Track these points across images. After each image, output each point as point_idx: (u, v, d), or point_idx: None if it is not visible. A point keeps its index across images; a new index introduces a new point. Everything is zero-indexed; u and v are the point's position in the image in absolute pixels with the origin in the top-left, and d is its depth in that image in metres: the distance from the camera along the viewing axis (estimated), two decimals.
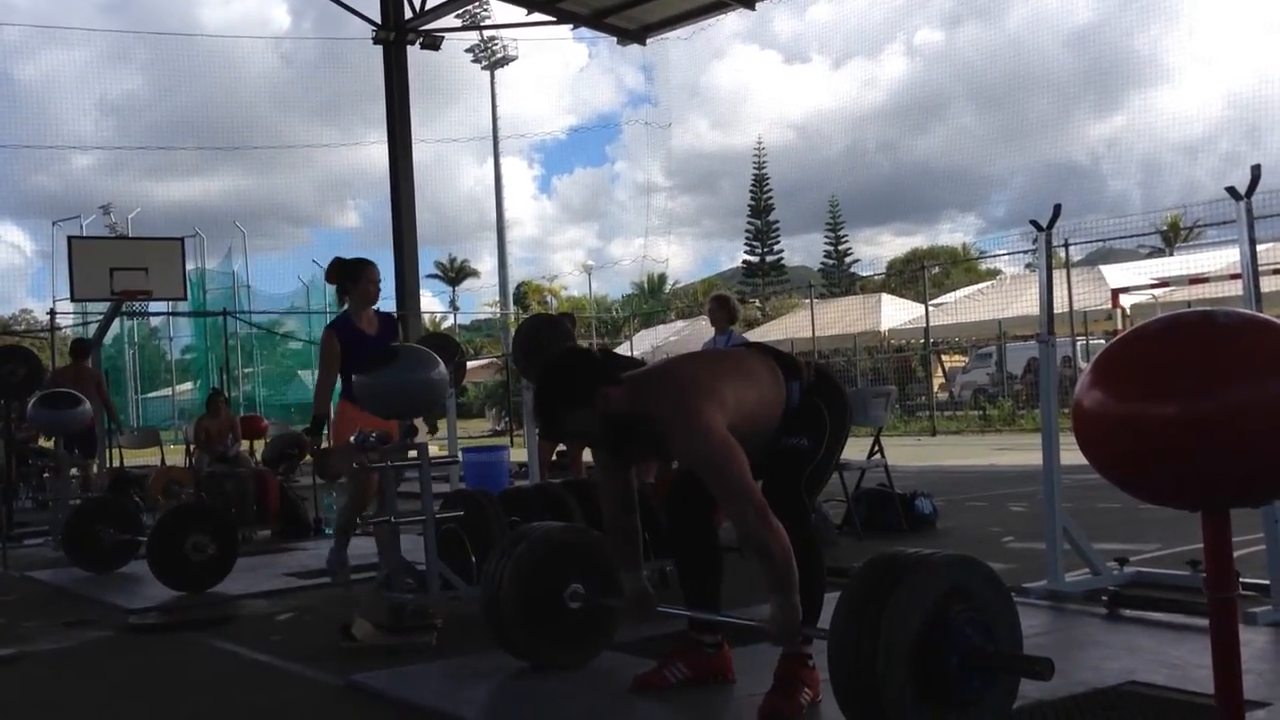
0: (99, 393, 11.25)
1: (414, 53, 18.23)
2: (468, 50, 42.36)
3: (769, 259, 57.01)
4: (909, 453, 15.11)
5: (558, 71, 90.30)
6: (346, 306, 6.32)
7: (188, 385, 32.14)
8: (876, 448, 7.95)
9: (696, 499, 3.67)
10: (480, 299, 64.30)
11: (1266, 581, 4.42)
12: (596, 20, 18.23)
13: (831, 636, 2.95)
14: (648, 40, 18.68)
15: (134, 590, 6.59)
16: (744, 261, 58.82)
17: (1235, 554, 2.14)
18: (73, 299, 15.59)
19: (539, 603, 3.98)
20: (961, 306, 28.29)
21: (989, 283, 31.95)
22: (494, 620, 4.02)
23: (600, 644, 4.15)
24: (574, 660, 4.05)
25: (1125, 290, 18.92)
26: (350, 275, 6.31)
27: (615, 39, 18.85)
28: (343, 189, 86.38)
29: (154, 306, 22.02)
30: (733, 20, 21.06)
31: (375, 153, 17.46)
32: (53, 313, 21.32)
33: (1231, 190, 4.69)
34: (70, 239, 15.39)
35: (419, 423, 6.19)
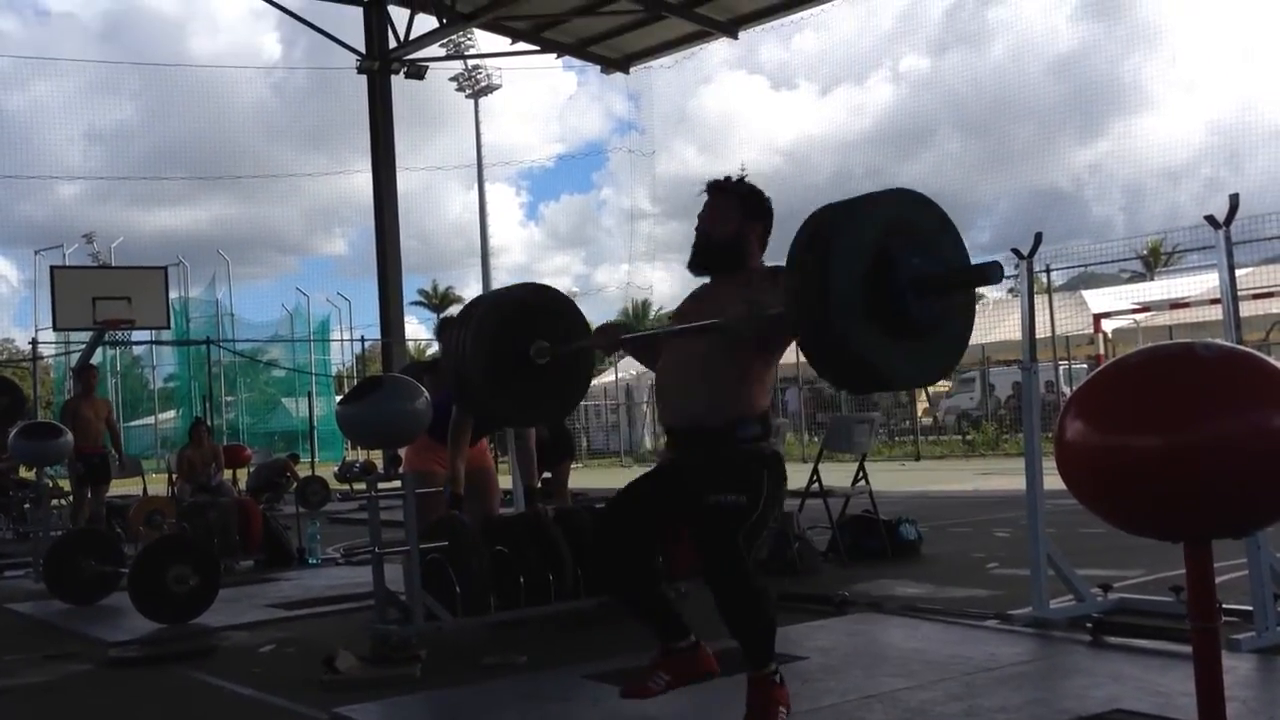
0: (107, 421, 11.31)
1: (402, 82, 18.33)
2: (451, 79, 42.51)
3: None
4: (893, 478, 15.12)
5: (546, 99, 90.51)
6: None
7: (170, 414, 31.99)
8: (861, 474, 7.96)
9: (633, 540, 3.62)
10: None
11: (1250, 608, 4.43)
12: (580, 49, 18.36)
13: (787, 317, 2.99)
14: (631, 69, 18.82)
15: (115, 622, 6.54)
16: None
17: (1219, 579, 2.15)
18: (55, 328, 15.54)
19: (506, 363, 3.88)
20: None
21: None
22: (463, 389, 3.94)
23: (578, 395, 4.12)
24: (555, 412, 4.00)
25: (1107, 315, 19.06)
26: None
27: (599, 68, 18.99)
28: (330, 217, 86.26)
29: (137, 335, 21.95)
30: (721, 48, 21.18)
31: (362, 180, 17.57)
32: (34, 342, 21.26)
33: (1210, 219, 4.73)
34: (52, 268, 15.35)
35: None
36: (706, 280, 3.72)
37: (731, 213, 3.59)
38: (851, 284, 2.83)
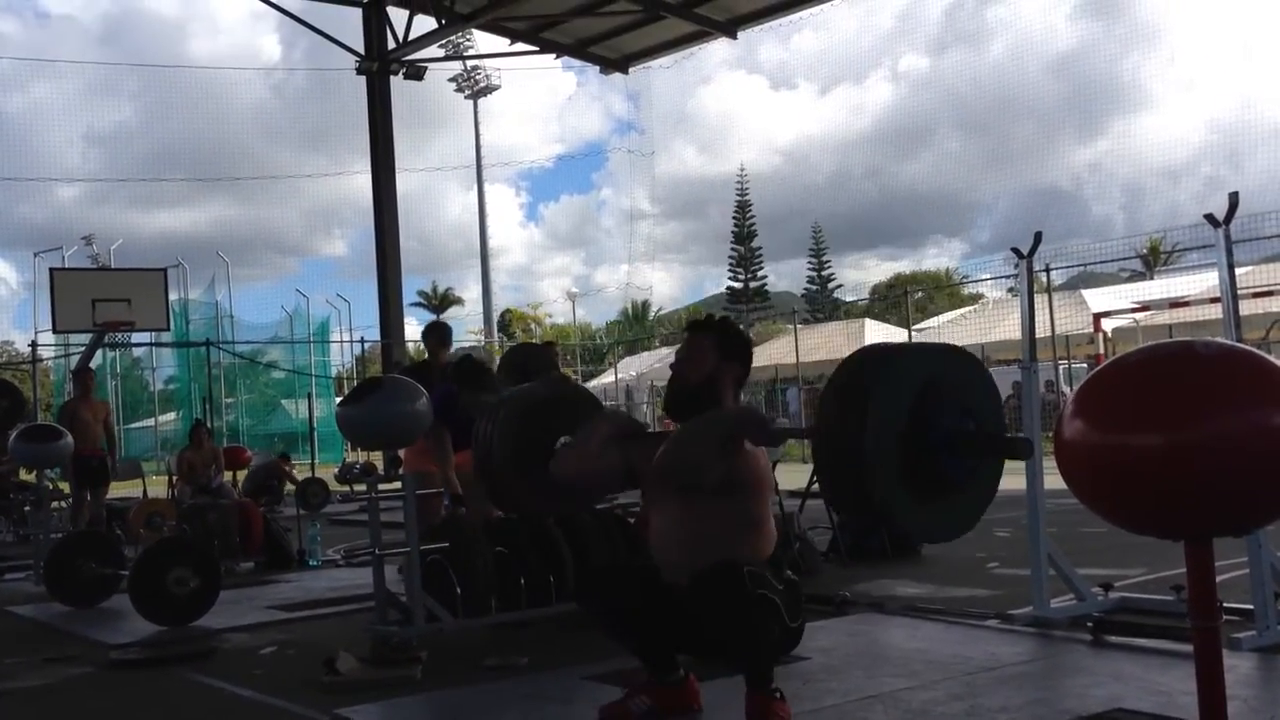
0: (105, 423, 11.29)
1: (401, 82, 18.33)
2: (450, 80, 42.50)
3: (753, 285, 57.14)
4: None
5: (546, 99, 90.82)
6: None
7: (171, 416, 31.95)
8: None
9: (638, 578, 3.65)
10: (465, 327, 63.99)
11: (1251, 606, 4.43)
12: (579, 50, 18.36)
13: (817, 457, 3.03)
14: (630, 69, 18.82)
15: (115, 625, 6.53)
16: (728, 288, 58.92)
17: (1220, 578, 2.15)
18: (55, 331, 15.54)
19: (531, 456, 3.96)
20: (944, 331, 28.35)
21: (972, 307, 32.07)
22: (489, 478, 4.02)
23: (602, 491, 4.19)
24: (579, 507, 4.05)
25: (1107, 314, 19.05)
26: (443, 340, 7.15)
27: (598, 68, 19.00)
28: (330, 218, 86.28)
29: (137, 337, 21.95)
30: (720, 48, 21.29)
31: (362, 182, 17.58)
32: (34, 344, 21.20)
33: (1210, 217, 4.72)
34: (51, 270, 15.35)
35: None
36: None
37: (707, 355, 3.57)
38: (885, 444, 2.83)
